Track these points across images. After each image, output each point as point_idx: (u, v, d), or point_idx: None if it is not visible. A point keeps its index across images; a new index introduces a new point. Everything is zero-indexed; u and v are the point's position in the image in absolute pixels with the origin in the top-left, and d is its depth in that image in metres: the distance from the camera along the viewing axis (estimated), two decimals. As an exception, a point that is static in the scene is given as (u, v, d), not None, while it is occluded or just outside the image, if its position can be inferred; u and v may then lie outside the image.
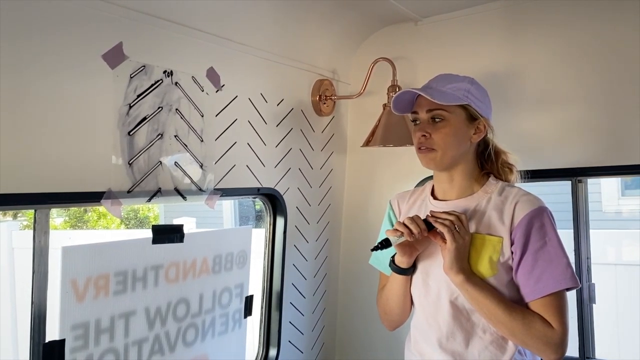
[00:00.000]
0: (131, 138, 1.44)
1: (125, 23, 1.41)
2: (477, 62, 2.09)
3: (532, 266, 1.32)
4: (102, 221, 7.28)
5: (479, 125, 1.42)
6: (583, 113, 1.92)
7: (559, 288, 1.30)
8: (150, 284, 1.54)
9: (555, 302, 1.31)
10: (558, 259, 1.32)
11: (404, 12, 2.15)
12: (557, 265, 1.31)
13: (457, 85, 1.40)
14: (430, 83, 1.47)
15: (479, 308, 1.33)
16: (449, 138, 1.39)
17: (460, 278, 1.32)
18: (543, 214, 1.35)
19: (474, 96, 1.40)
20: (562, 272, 1.31)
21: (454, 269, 1.32)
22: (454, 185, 1.46)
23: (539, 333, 1.29)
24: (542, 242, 1.33)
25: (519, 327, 1.30)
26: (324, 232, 2.33)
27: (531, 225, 1.34)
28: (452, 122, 1.39)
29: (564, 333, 1.29)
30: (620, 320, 3.77)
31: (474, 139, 1.42)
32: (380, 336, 2.34)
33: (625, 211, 6.03)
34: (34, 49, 1.22)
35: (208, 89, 1.68)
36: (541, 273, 1.31)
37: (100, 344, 1.41)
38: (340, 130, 2.40)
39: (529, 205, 1.36)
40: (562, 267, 1.31)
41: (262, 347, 2.09)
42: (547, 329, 1.29)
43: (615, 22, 1.85)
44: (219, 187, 1.73)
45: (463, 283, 1.32)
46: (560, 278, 1.31)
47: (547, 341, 1.28)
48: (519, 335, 1.30)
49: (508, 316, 1.30)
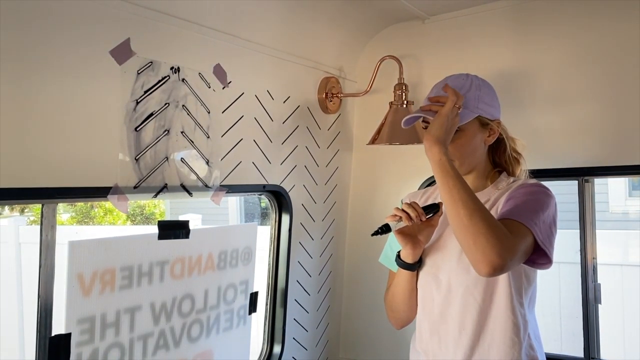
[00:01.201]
0: (138, 134, 1.44)
1: (133, 19, 1.42)
2: (484, 61, 2.08)
3: (509, 207, 1.32)
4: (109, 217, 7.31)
5: (492, 128, 1.43)
6: (591, 112, 1.91)
7: (521, 220, 1.25)
8: (155, 280, 1.55)
9: (517, 225, 1.25)
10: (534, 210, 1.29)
11: (411, 10, 2.15)
12: (529, 210, 1.28)
13: (468, 96, 1.40)
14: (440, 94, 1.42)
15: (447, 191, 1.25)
16: (465, 148, 1.41)
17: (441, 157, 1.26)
18: (541, 187, 1.37)
19: (484, 103, 1.41)
20: (529, 214, 1.27)
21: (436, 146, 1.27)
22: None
23: (498, 228, 1.19)
24: (526, 198, 1.32)
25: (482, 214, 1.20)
26: (329, 230, 2.33)
27: (522, 188, 1.36)
28: (466, 132, 1.40)
29: (515, 246, 1.21)
30: (625, 321, 3.75)
31: (487, 141, 1.45)
32: (385, 334, 2.34)
33: (632, 212, 5.99)
34: (41, 45, 1.22)
35: (215, 85, 1.68)
36: (514, 208, 1.30)
37: (106, 338, 1.42)
38: (347, 128, 2.40)
39: (531, 181, 1.39)
40: (532, 214, 1.28)
41: (266, 343, 2.09)
42: (507, 234, 1.20)
43: (624, 22, 1.84)
44: (224, 184, 1.74)
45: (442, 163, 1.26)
46: (527, 216, 1.27)
47: (501, 238, 1.18)
48: (478, 223, 1.19)
49: (474, 201, 1.22)
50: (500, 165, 1.51)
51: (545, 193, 1.36)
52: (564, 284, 3.89)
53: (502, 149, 1.50)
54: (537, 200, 1.33)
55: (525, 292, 1.39)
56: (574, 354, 2.05)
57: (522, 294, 1.38)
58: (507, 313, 1.35)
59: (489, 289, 1.37)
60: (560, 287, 3.91)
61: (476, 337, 1.38)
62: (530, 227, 1.26)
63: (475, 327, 1.38)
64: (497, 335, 1.36)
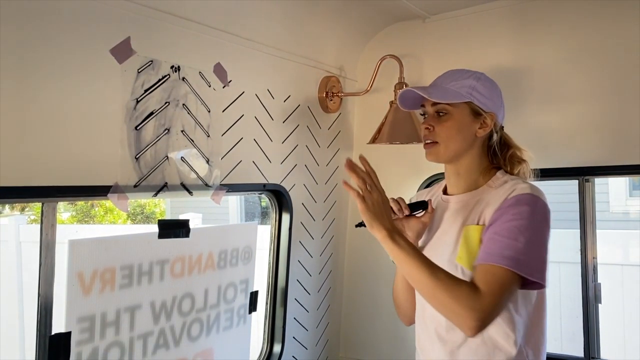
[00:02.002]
0: (138, 133, 1.44)
1: (133, 18, 1.42)
2: (485, 60, 2.08)
3: (489, 236, 1.29)
4: (109, 216, 7.31)
5: (484, 120, 1.41)
6: (591, 112, 1.91)
7: (498, 263, 1.23)
8: (155, 279, 1.55)
9: (494, 272, 1.22)
10: (514, 239, 1.25)
11: (412, 9, 2.15)
12: (510, 243, 1.25)
13: (463, 83, 1.41)
14: (437, 80, 1.48)
15: (402, 267, 1.27)
16: (451, 131, 1.40)
17: (383, 234, 1.26)
18: (532, 200, 1.31)
19: (478, 92, 1.40)
20: (508, 250, 1.24)
21: (374, 226, 1.27)
22: (460, 179, 1.46)
23: (462, 295, 1.19)
24: (512, 219, 1.28)
25: (442, 288, 1.20)
26: (329, 229, 2.33)
27: (513, 204, 1.31)
28: (455, 117, 1.40)
29: (490, 302, 1.19)
30: (626, 321, 3.75)
31: (479, 134, 1.42)
32: (385, 333, 2.34)
33: (632, 212, 5.99)
34: (42, 44, 1.22)
35: (215, 84, 1.68)
36: (493, 243, 1.27)
37: (106, 337, 1.42)
38: (347, 127, 2.40)
39: (523, 191, 1.32)
40: (512, 247, 1.24)
41: (266, 342, 2.09)
42: (474, 292, 1.20)
43: (625, 21, 1.84)
44: (225, 183, 1.74)
45: (385, 239, 1.26)
46: (505, 255, 1.23)
47: (469, 305, 1.18)
48: (440, 297, 1.21)
49: (430, 276, 1.21)
50: (499, 165, 1.49)
51: (534, 209, 1.30)
52: (564, 283, 3.89)
53: (503, 152, 1.48)
54: (523, 225, 1.27)
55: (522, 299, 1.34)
56: (574, 353, 2.05)
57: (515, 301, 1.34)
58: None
59: None
60: (561, 287, 3.91)
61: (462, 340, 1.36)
62: (511, 268, 1.23)
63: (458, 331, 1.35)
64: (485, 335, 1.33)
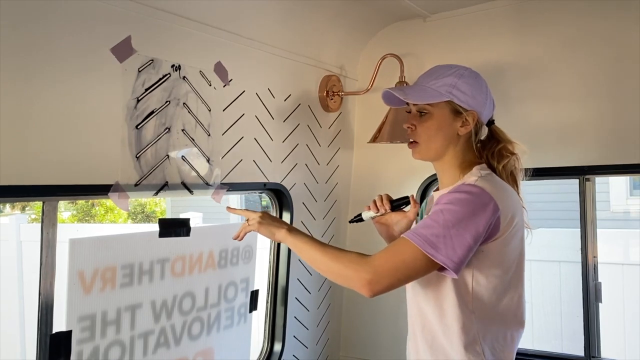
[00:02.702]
0: (139, 132, 1.44)
1: (134, 17, 1.42)
2: (485, 59, 2.08)
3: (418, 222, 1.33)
4: (109, 215, 7.32)
5: (466, 118, 1.40)
6: (592, 111, 1.91)
7: (407, 237, 1.26)
8: (156, 277, 1.55)
9: (399, 242, 1.28)
10: (435, 220, 1.27)
11: (412, 8, 2.15)
12: (429, 223, 1.27)
13: (443, 81, 1.39)
14: (419, 78, 1.47)
15: (302, 255, 1.38)
16: (431, 131, 1.40)
17: (283, 232, 1.41)
18: (466, 188, 1.30)
19: (459, 91, 1.38)
20: (424, 229, 1.26)
21: (274, 231, 1.43)
22: (444, 176, 1.47)
23: (350, 260, 1.29)
24: (444, 203, 1.29)
25: (332, 258, 1.31)
26: (330, 228, 2.33)
27: (452, 191, 1.32)
28: (435, 116, 1.39)
29: (381, 264, 1.26)
30: (626, 320, 3.75)
31: (461, 132, 1.40)
32: (385, 332, 2.34)
33: (633, 211, 5.99)
34: (43, 43, 1.22)
35: (216, 83, 1.68)
36: (416, 226, 1.30)
37: (107, 335, 1.42)
38: (347, 126, 2.40)
39: (466, 180, 1.33)
40: (429, 226, 1.26)
41: (267, 341, 2.09)
42: (362, 257, 1.29)
43: (626, 21, 1.84)
44: (225, 182, 1.74)
45: (286, 235, 1.41)
46: (417, 232, 1.26)
47: (357, 267, 1.27)
48: (333, 267, 1.31)
49: (322, 253, 1.33)
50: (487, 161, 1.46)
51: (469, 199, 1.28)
52: (564, 282, 3.89)
53: (491, 147, 1.46)
54: (449, 209, 1.27)
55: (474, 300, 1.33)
56: (574, 352, 2.05)
57: (467, 301, 1.33)
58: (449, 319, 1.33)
59: (435, 293, 1.35)
60: (561, 286, 3.91)
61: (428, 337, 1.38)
62: (416, 243, 1.25)
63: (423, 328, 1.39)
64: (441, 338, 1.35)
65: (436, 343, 1.36)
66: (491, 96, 1.46)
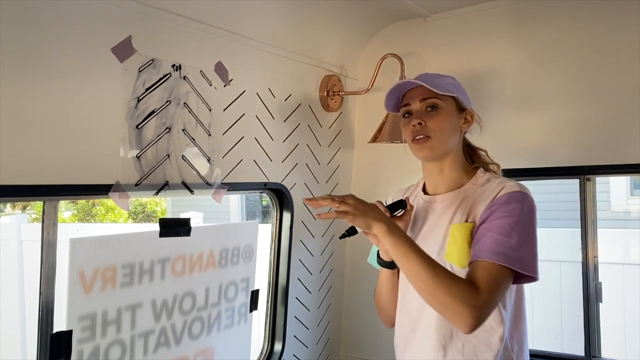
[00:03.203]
0: (139, 131, 1.44)
1: (135, 17, 1.42)
2: (486, 59, 2.08)
3: (482, 233, 1.30)
4: (110, 215, 7.32)
5: (467, 116, 1.45)
6: (593, 111, 1.91)
7: (493, 260, 1.24)
8: (157, 277, 1.55)
9: (488, 268, 1.24)
10: (507, 235, 1.26)
11: (413, 8, 2.15)
12: (502, 240, 1.26)
13: (444, 80, 1.45)
14: (418, 78, 1.47)
15: (401, 261, 1.25)
16: (444, 124, 1.40)
17: (382, 229, 1.25)
18: (521, 197, 1.32)
19: (458, 90, 1.45)
20: (501, 247, 1.25)
21: (373, 225, 1.25)
22: (443, 177, 1.46)
23: (461, 293, 1.19)
24: (503, 216, 1.29)
25: (441, 284, 1.20)
26: (330, 228, 2.33)
27: (504, 202, 1.31)
28: (445, 110, 1.41)
29: (487, 299, 1.20)
30: (627, 320, 3.75)
31: (463, 129, 1.46)
32: (386, 332, 2.33)
33: (633, 211, 5.99)
34: (44, 43, 1.22)
35: (216, 83, 1.68)
36: (486, 240, 1.28)
37: (107, 335, 1.42)
38: (348, 126, 2.40)
39: (512, 188, 1.34)
40: (505, 245, 1.25)
41: (267, 341, 2.09)
42: (472, 290, 1.20)
43: (626, 21, 1.84)
44: (226, 182, 1.74)
45: (385, 234, 1.25)
46: (496, 250, 1.24)
47: (467, 302, 1.18)
48: (439, 294, 1.20)
49: (430, 272, 1.21)
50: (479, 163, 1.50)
51: (524, 206, 1.31)
52: (565, 282, 3.89)
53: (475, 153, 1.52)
54: (514, 222, 1.28)
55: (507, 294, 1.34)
56: (575, 352, 2.05)
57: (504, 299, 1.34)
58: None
59: None
60: (562, 286, 3.91)
61: (450, 335, 1.37)
62: (505, 263, 1.24)
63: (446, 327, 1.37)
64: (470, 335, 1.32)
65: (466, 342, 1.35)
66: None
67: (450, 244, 1.37)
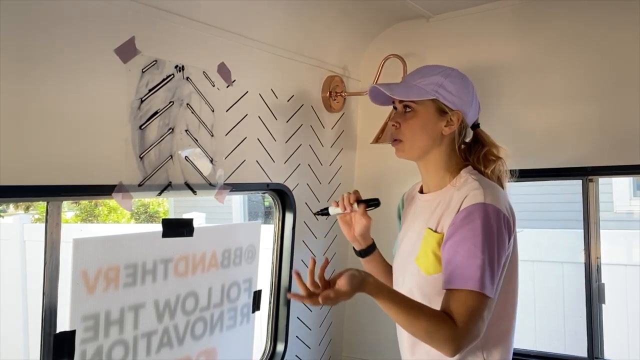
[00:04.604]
0: (142, 132, 1.45)
1: (138, 17, 1.42)
2: (489, 60, 2.08)
3: (450, 256, 1.29)
4: (113, 215, 7.33)
5: (451, 118, 1.40)
6: (595, 111, 1.90)
7: (465, 287, 1.25)
8: (159, 277, 1.55)
9: (461, 299, 1.25)
10: (474, 259, 1.26)
11: (416, 8, 2.15)
12: (470, 264, 1.26)
13: (430, 79, 1.40)
14: (407, 76, 1.49)
15: (385, 311, 1.29)
16: (415, 129, 1.40)
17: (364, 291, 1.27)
18: (482, 209, 1.29)
19: (445, 90, 1.38)
20: (472, 273, 1.25)
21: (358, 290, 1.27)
22: (429, 177, 1.47)
23: (438, 334, 1.23)
24: (467, 236, 1.28)
25: (420, 329, 1.25)
26: (332, 229, 2.33)
27: (464, 217, 1.30)
28: (420, 114, 1.39)
29: (466, 331, 1.22)
30: (629, 321, 3.74)
31: (445, 132, 1.40)
32: (388, 333, 2.33)
33: (636, 212, 5.98)
34: (47, 43, 1.23)
35: (219, 84, 1.68)
36: (455, 266, 1.27)
37: (110, 335, 1.43)
38: (350, 127, 2.40)
39: (472, 200, 1.31)
40: (474, 268, 1.25)
41: (269, 342, 2.09)
42: (448, 328, 1.22)
43: (628, 21, 1.83)
44: (228, 182, 1.74)
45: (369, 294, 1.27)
46: (468, 277, 1.25)
47: (447, 340, 1.22)
48: (420, 337, 1.27)
49: (409, 321, 1.25)
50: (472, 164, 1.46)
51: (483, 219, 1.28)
52: (567, 283, 3.88)
53: (477, 150, 1.46)
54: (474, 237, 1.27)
55: None
56: (577, 353, 2.05)
57: None
58: None
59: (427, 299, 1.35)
60: (564, 287, 3.91)
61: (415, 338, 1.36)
62: (467, 287, 1.24)
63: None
64: None
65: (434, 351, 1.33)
66: (477, 99, 1.46)
67: (421, 248, 1.39)
